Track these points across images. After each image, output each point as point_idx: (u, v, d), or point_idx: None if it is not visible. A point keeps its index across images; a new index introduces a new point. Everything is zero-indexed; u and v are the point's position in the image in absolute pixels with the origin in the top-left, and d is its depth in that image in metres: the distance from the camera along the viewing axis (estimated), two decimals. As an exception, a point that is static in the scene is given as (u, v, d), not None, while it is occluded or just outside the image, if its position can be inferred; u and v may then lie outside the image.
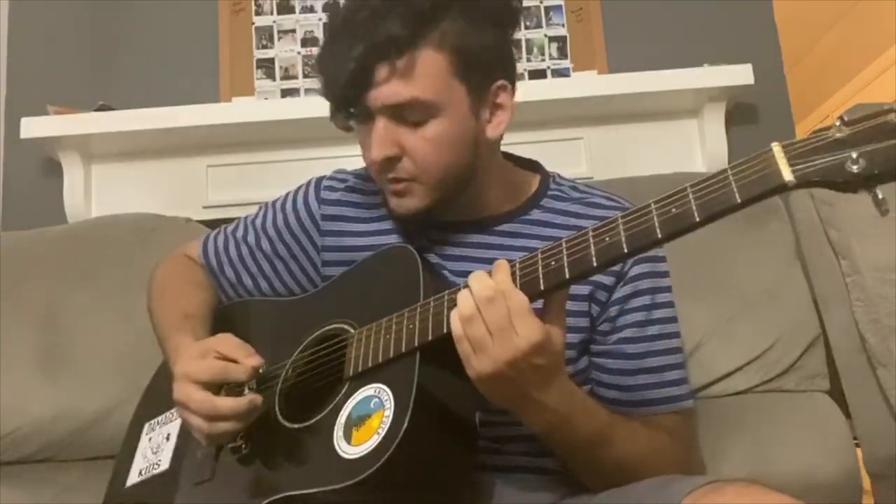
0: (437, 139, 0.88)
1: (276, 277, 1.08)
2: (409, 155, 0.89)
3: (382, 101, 0.87)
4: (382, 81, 0.85)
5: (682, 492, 0.69)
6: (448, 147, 0.89)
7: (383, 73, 0.85)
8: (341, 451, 0.77)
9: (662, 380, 0.92)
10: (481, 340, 0.72)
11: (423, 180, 0.91)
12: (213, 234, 1.15)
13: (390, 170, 0.90)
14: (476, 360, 0.73)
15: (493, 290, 0.72)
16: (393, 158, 0.89)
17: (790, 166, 0.61)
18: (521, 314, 0.72)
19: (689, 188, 0.67)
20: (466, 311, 0.73)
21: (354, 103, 0.88)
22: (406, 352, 0.80)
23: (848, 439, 1.26)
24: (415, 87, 0.86)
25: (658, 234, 0.67)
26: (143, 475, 0.99)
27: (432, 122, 0.88)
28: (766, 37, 1.90)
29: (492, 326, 0.71)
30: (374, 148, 0.88)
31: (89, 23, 1.95)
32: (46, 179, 1.86)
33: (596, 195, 1.01)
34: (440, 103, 0.87)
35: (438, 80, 0.87)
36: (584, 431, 0.81)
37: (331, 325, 0.92)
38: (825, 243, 1.32)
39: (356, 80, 0.86)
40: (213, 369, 0.83)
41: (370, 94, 0.86)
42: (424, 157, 0.89)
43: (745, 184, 0.63)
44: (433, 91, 0.87)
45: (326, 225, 1.04)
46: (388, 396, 0.78)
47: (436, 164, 0.90)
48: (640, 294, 0.93)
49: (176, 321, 0.98)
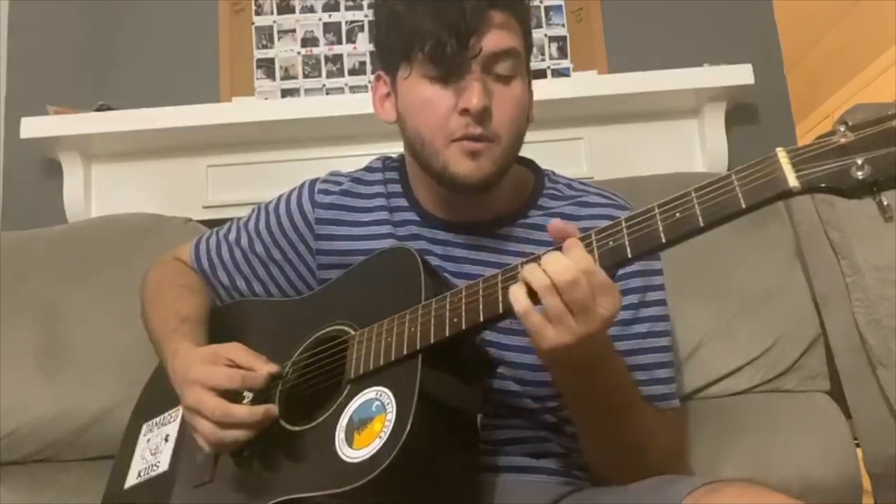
0: (519, 100, 0.91)
1: (271, 280, 1.07)
2: (497, 111, 0.89)
3: (489, 47, 0.87)
4: (492, 27, 0.87)
5: (683, 492, 0.69)
6: (523, 111, 0.92)
7: (496, 18, 0.87)
8: (343, 454, 0.77)
9: (652, 377, 0.92)
10: (560, 315, 0.70)
11: (502, 141, 0.90)
12: (205, 238, 1.13)
13: (480, 125, 0.88)
14: (553, 331, 0.71)
15: (575, 272, 0.69)
16: (487, 111, 0.87)
17: (795, 172, 0.61)
18: (603, 291, 0.71)
19: (693, 192, 0.67)
20: (541, 284, 0.70)
21: (465, 42, 0.86)
22: (407, 354, 0.79)
23: (848, 439, 1.26)
24: (514, 39, 0.89)
25: (662, 239, 0.67)
26: (141, 476, 0.99)
27: (517, 80, 0.91)
28: (766, 37, 1.90)
29: (574, 305, 0.70)
30: (476, 96, 0.86)
31: (89, 23, 1.95)
32: (46, 179, 1.86)
33: (590, 193, 1.01)
34: (523, 62, 0.92)
35: (521, 43, 0.91)
36: (615, 394, 0.82)
37: (331, 327, 0.92)
38: (825, 243, 1.32)
39: (478, 16, 0.86)
40: (231, 377, 0.82)
41: (478, 38, 0.86)
42: (510, 117, 0.90)
43: (750, 189, 0.63)
44: (521, 49, 0.91)
45: (321, 228, 1.03)
46: (390, 399, 0.77)
47: (516, 126, 0.91)
48: (629, 292, 0.92)
49: (172, 324, 0.97)
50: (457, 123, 0.88)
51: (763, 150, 0.63)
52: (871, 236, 1.26)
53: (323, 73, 1.92)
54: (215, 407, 0.81)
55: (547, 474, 0.92)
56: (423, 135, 0.91)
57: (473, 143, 0.88)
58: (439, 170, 0.90)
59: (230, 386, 0.82)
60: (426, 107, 0.89)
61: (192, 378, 0.84)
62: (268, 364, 0.85)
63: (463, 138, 0.88)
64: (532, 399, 0.92)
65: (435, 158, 0.90)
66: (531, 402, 0.93)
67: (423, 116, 0.90)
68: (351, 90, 1.91)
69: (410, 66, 0.90)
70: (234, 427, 0.81)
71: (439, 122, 0.88)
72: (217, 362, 0.85)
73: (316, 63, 1.93)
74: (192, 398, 0.83)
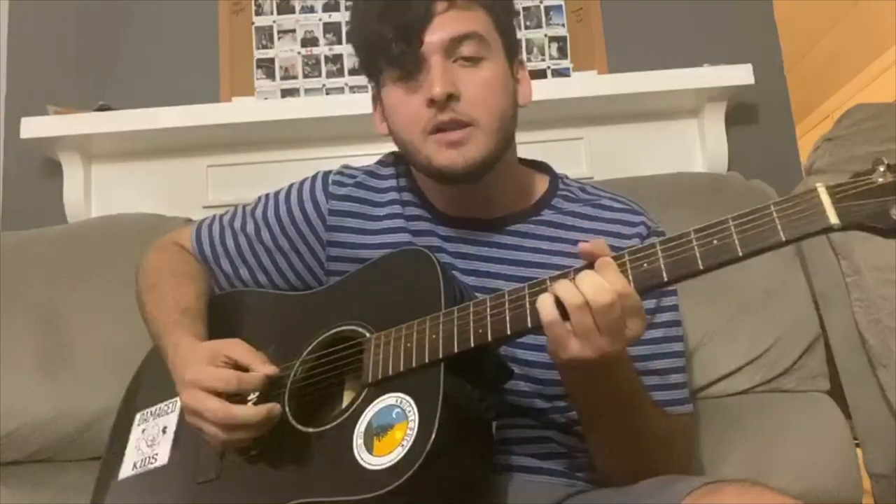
0: (491, 81, 0.90)
1: (276, 270, 1.06)
2: (466, 95, 0.88)
3: (443, 35, 0.87)
4: (444, 11, 0.88)
5: (683, 491, 0.69)
6: (500, 93, 0.91)
7: (443, 6, 0.88)
8: (362, 460, 0.75)
9: (666, 382, 0.92)
10: (588, 332, 0.71)
11: (482, 124, 0.89)
12: (207, 223, 1.11)
13: (448, 111, 0.88)
14: (578, 345, 0.71)
15: (612, 294, 0.69)
16: (453, 97, 0.87)
17: (835, 209, 0.63)
18: (634, 314, 0.71)
19: (731, 221, 0.68)
20: (574, 301, 0.70)
21: (412, 38, 0.87)
22: (429, 362, 0.78)
23: (848, 439, 1.26)
24: (473, 22, 0.89)
25: (699, 265, 0.68)
26: (137, 468, 0.97)
27: (486, 62, 0.90)
28: (766, 37, 1.90)
29: (604, 326, 0.70)
30: (436, 84, 0.86)
31: (89, 23, 1.94)
32: (46, 179, 1.86)
33: (604, 197, 1.01)
34: (492, 45, 0.91)
35: (488, 27, 0.91)
36: (624, 397, 0.82)
37: (344, 326, 0.90)
38: (825, 243, 1.32)
39: (416, 14, 0.86)
40: (226, 380, 0.82)
41: (431, 26, 0.87)
42: (483, 98, 0.89)
43: (791, 222, 0.64)
44: (487, 31, 0.91)
45: (333, 220, 1.02)
46: (412, 408, 0.76)
47: (492, 107, 0.90)
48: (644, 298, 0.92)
49: (173, 316, 0.95)
50: (427, 116, 0.88)
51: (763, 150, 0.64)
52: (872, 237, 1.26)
53: (323, 73, 1.92)
54: (217, 409, 0.80)
55: (552, 475, 0.92)
56: (403, 136, 0.92)
57: (449, 132, 0.88)
58: (426, 165, 0.91)
59: (226, 389, 0.81)
60: (398, 108, 0.91)
61: (189, 379, 0.83)
62: (266, 364, 0.84)
63: (436, 130, 0.89)
64: (542, 398, 0.92)
65: (419, 156, 0.91)
66: (541, 401, 0.93)
67: (398, 118, 0.92)
68: (351, 90, 1.91)
69: (381, 75, 0.93)
70: (238, 429, 0.81)
71: (411, 119, 0.90)
72: (215, 361, 0.84)
73: (316, 63, 1.93)
74: (192, 401, 0.82)
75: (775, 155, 1.81)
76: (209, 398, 0.81)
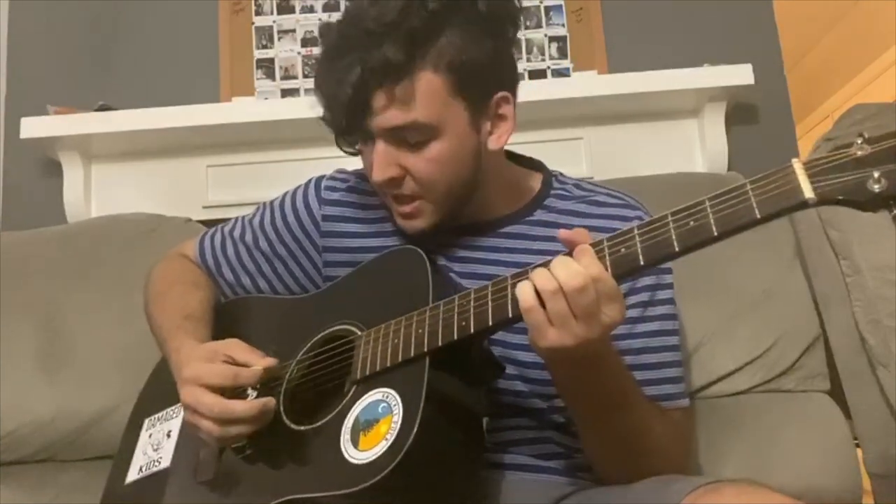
0: (438, 159, 0.88)
1: (276, 277, 1.08)
2: (412, 175, 0.89)
3: (381, 126, 0.87)
4: (380, 108, 0.85)
5: (683, 491, 0.69)
6: (450, 165, 0.89)
7: (381, 99, 0.85)
8: (348, 455, 0.77)
9: (661, 376, 0.92)
10: (563, 318, 0.70)
11: (429, 198, 0.91)
12: (210, 234, 1.14)
13: (395, 189, 0.91)
14: (555, 333, 0.71)
15: (584, 278, 0.69)
16: (396, 179, 0.89)
17: (811, 183, 0.61)
18: (610, 299, 0.71)
19: (707, 201, 0.67)
20: (548, 287, 0.70)
21: (354, 128, 0.89)
22: (415, 356, 0.79)
23: (848, 439, 1.26)
24: (413, 111, 0.85)
25: (675, 248, 0.67)
26: (143, 472, 0.99)
27: (433, 144, 0.88)
28: (766, 37, 1.90)
29: (579, 311, 0.70)
30: (375, 170, 0.89)
31: (89, 23, 1.94)
32: (46, 179, 1.86)
33: (599, 193, 1.01)
34: (440, 125, 0.87)
35: (437, 101, 0.86)
36: (613, 392, 0.82)
37: (337, 326, 0.92)
38: (825, 243, 1.32)
39: (354, 106, 0.85)
40: (224, 374, 0.83)
41: (369, 120, 0.86)
42: (428, 177, 0.89)
43: (766, 199, 0.63)
44: (432, 113, 0.86)
45: (327, 225, 1.03)
46: (397, 401, 0.77)
47: (439, 182, 0.90)
48: (639, 290, 0.93)
49: (176, 321, 0.97)
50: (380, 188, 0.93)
51: (763, 150, 0.64)
52: (871, 236, 1.26)
53: (323, 73, 1.92)
54: (213, 404, 0.81)
55: (550, 474, 0.93)
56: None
57: (400, 206, 0.92)
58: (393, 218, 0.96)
59: (223, 383, 0.82)
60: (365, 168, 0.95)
61: (186, 376, 0.84)
62: (264, 359, 0.85)
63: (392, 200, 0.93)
64: (539, 398, 0.93)
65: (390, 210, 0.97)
66: (538, 401, 0.93)
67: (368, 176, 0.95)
68: (351, 90, 1.91)
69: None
70: (233, 423, 0.82)
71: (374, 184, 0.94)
72: (214, 359, 0.85)
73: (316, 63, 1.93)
74: (189, 396, 0.83)
75: (775, 155, 1.79)
76: (206, 393, 0.82)
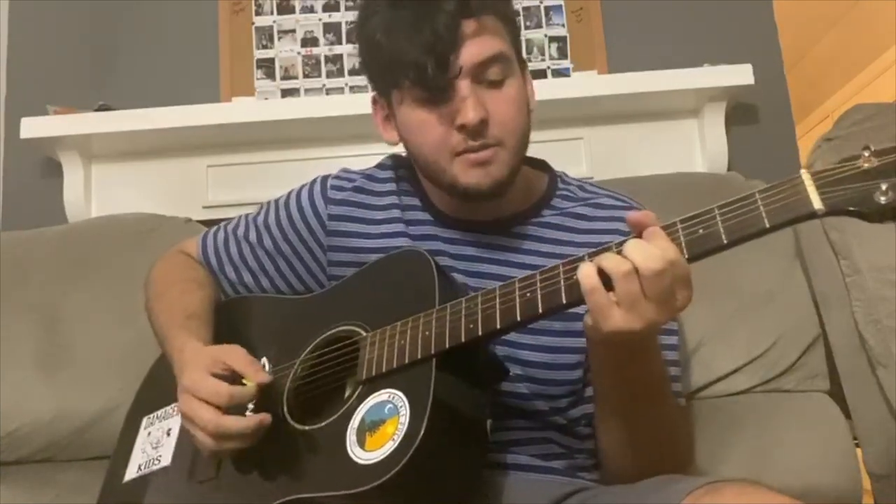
0: (516, 99, 0.90)
1: (279, 275, 1.07)
2: (495, 118, 0.88)
3: (471, 60, 0.86)
4: (469, 37, 0.86)
5: (683, 491, 0.69)
6: (522, 108, 0.91)
7: (470, 27, 0.86)
8: (354, 456, 0.76)
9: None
10: (634, 300, 0.69)
11: (508, 144, 0.89)
12: (212, 232, 1.14)
13: (478, 137, 0.87)
14: (622, 315, 0.69)
15: (663, 262, 0.67)
16: (484, 122, 0.87)
17: (819, 194, 0.63)
18: (683, 283, 0.70)
19: (717, 209, 0.67)
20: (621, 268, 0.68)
21: (444, 62, 0.84)
22: (422, 358, 0.79)
23: (848, 439, 1.26)
24: (497, 42, 0.88)
25: (685, 255, 0.68)
26: (142, 470, 0.99)
27: (510, 81, 0.89)
28: (766, 37, 1.90)
29: (654, 294, 0.68)
30: (469, 110, 0.85)
31: (89, 23, 1.94)
32: (46, 179, 1.86)
33: (602, 195, 1.01)
34: (512, 61, 0.90)
35: (506, 42, 0.90)
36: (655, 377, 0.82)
37: (342, 327, 0.91)
38: (825, 243, 1.32)
39: (449, 33, 0.84)
40: (218, 393, 0.82)
41: (457, 54, 0.85)
42: (510, 119, 0.89)
43: (775, 209, 0.64)
44: (507, 49, 0.89)
45: (333, 225, 1.03)
46: (403, 402, 0.77)
47: (518, 126, 0.90)
48: None
49: (178, 320, 0.97)
50: (456, 139, 0.88)
51: (763, 150, 0.64)
52: (871, 236, 1.26)
53: (323, 73, 1.92)
54: (209, 420, 0.81)
55: (552, 474, 0.93)
56: (427, 155, 0.91)
57: (478, 153, 0.88)
58: (449, 184, 0.91)
59: (216, 402, 0.81)
60: (423, 128, 0.89)
61: (185, 385, 0.84)
62: (260, 373, 0.84)
63: (465, 151, 0.88)
64: (542, 399, 0.93)
65: (443, 175, 0.91)
66: (541, 402, 0.93)
67: (422, 138, 0.90)
68: (351, 90, 1.91)
69: (401, 92, 0.90)
70: (228, 439, 0.81)
71: (439, 140, 0.89)
72: (213, 368, 0.84)
73: (316, 63, 1.93)
74: (186, 407, 0.83)
75: (775, 155, 1.81)
76: (202, 407, 0.81)
